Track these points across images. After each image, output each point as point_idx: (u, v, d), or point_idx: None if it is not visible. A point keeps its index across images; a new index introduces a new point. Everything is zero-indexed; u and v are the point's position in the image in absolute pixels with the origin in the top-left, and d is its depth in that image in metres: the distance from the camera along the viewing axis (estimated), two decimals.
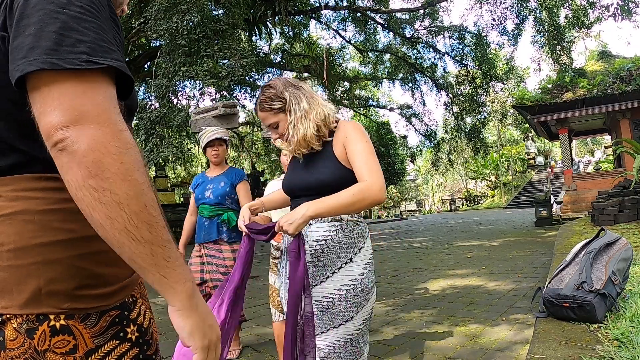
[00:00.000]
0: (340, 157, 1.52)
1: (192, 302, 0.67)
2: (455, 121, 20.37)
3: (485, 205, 32.82)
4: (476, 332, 3.31)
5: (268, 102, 1.55)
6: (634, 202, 7.90)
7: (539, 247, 7.83)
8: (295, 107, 1.52)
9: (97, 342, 0.68)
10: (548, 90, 13.35)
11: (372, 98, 26.70)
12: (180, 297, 0.65)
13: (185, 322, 0.67)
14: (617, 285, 2.58)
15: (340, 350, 1.48)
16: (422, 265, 6.92)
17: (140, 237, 0.59)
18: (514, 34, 15.68)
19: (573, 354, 2.00)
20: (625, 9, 12.09)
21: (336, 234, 1.51)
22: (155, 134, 8.86)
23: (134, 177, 0.59)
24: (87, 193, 0.57)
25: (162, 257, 0.62)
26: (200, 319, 0.68)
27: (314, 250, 1.51)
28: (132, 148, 0.60)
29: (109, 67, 0.60)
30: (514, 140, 37.00)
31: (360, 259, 1.53)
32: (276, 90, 1.55)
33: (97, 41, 0.60)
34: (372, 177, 1.42)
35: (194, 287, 0.68)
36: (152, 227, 0.61)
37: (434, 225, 17.93)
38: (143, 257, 0.60)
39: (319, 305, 1.50)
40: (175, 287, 0.64)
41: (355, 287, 1.49)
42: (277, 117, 1.55)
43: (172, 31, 8.60)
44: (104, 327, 0.69)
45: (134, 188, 0.59)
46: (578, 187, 13.11)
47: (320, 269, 1.51)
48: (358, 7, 17.54)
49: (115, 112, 0.60)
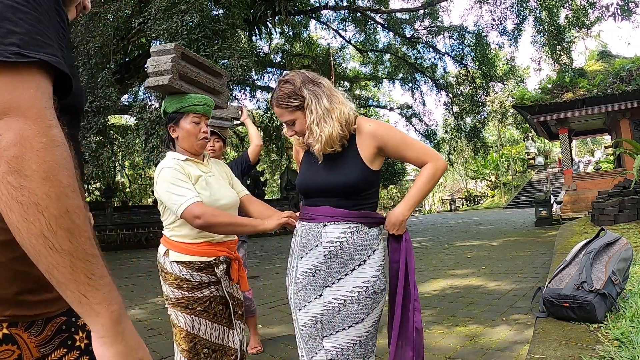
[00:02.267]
0: (366, 158, 1.49)
1: (116, 330, 0.58)
2: (455, 121, 20.38)
3: (485, 205, 32.81)
4: (476, 332, 3.31)
5: (285, 99, 1.48)
6: (634, 202, 7.90)
7: (539, 247, 7.82)
8: (316, 106, 1.46)
9: (43, 351, 0.64)
10: (548, 90, 13.35)
11: (372, 98, 26.71)
12: (103, 321, 0.57)
13: (108, 352, 0.58)
14: (617, 285, 2.58)
15: (349, 352, 1.47)
16: (422, 265, 6.92)
17: (58, 245, 0.53)
18: (514, 34, 15.69)
19: (573, 354, 2.00)
20: (625, 9, 12.09)
21: (351, 235, 1.48)
22: (155, 134, 8.85)
23: (57, 177, 0.54)
24: (4, 190, 0.52)
25: (83, 272, 0.55)
26: (127, 349, 0.59)
27: (328, 252, 1.48)
28: (59, 146, 0.55)
29: (44, 62, 0.56)
30: (514, 140, 37.00)
31: (373, 261, 1.50)
32: (294, 86, 1.48)
33: (30, 34, 0.56)
34: (428, 156, 1.54)
35: (121, 311, 0.60)
36: (74, 237, 0.54)
37: (434, 225, 17.93)
38: (61, 270, 0.54)
39: (330, 307, 1.48)
40: (97, 310, 0.57)
41: (368, 290, 1.47)
42: (294, 115, 1.50)
43: (172, 31, 8.60)
44: (50, 335, 0.65)
45: (55, 189, 0.53)
46: (578, 187, 13.11)
47: (333, 271, 1.49)
48: (358, 7, 17.54)
49: (46, 107, 0.56)
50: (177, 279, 1.73)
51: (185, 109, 1.80)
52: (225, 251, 1.80)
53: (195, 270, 1.73)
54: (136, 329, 0.62)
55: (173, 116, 1.82)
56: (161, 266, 1.78)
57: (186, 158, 1.80)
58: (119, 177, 25.98)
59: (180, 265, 1.72)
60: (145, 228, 15.83)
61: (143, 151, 9.20)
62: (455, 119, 20.38)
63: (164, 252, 1.78)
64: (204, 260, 1.75)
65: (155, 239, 15.39)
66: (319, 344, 1.50)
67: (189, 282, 1.73)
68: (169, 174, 1.69)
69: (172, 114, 1.82)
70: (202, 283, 1.75)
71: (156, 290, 6.12)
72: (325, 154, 1.51)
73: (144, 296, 5.76)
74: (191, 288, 1.73)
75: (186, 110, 1.80)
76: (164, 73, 1.78)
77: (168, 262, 1.74)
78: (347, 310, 1.46)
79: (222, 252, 1.79)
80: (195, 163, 1.83)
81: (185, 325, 1.72)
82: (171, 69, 1.77)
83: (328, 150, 1.49)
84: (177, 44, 1.87)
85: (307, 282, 1.53)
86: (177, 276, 1.72)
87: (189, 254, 1.73)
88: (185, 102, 1.80)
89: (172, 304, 1.75)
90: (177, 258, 1.73)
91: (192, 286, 1.73)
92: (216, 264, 1.77)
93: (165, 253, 1.77)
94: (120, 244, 14.74)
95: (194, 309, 1.73)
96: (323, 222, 1.50)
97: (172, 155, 1.81)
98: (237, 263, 1.84)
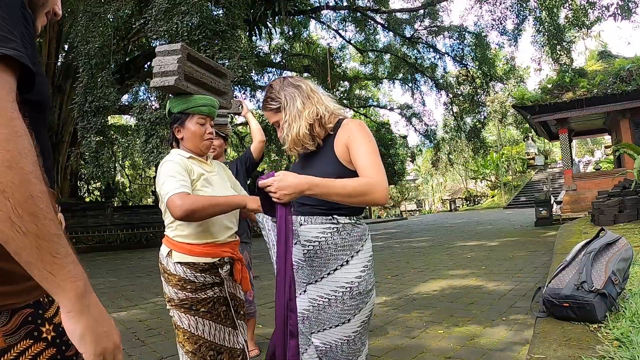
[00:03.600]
0: (341, 156, 1.48)
1: (82, 303, 0.62)
2: (455, 121, 20.40)
3: (485, 205, 32.81)
4: (476, 332, 3.31)
5: (268, 102, 1.58)
6: (634, 202, 7.91)
7: (539, 247, 7.82)
8: (290, 107, 1.53)
9: (9, 342, 0.66)
10: (548, 90, 13.35)
11: (372, 98, 26.74)
12: (69, 296, 0.61)
13: (76, 326, 0.62)
14: (617, 285, 2.58)
15: (337, 350, 1.47)
16: (422, 265, 6.92)
17: (25, 229, 0.57)
18: (514, 34, 15.72)
19: (573, 354, 2.00)
20: (625, 9, 12.09)
21: (331, 236, 1.46)
22: (155, 135, 8.86)
23: (20, 165, 0.57)
24: None
25: (48, 251, 0.59)
26: (94, 321, 0.64)
27: (307, 251, 1.49)
28: (21, 137, 0.58)
29: (7, 57, 0.59)
30: (514, 140, 37.00)
31: (357, 262, 1.47)
32: (274, 89, 1.57)
33: None
34: (378, 177, 1.39)
35: (86, 286, 0.63)
36: (38, 219, 0.58)
37: (434, 225, 17.93)
38: (28, 251, 0.58)
39: (315, 304, 1.49)
40: (62, 286, 0.60)
41: (352, 290, 1.44)
42: (277, 117, 1.57)
43: (172, 32, 8.60)
44: (15, 326, 0.67)
45: (19, 177, 0.57)
46: (578, 187, 13.11)
47: (315, 269, 1.49)
48: (358, 7, 17.56)
49: (8, 100, 0.59)
50: (180, 280, 1.71)
51: (190, 110, 1.80)
52: (229, 252, 1.79)
53: (200, 271, 1.72)
54: (136, 329, 0.63)
55: (178, 117, 1.82)
56: (164, 267, 1.76)
57: (190, 156, 1.80)
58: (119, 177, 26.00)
59: (184, 266, 1.71)
60: (145, 228, 15.83)
61: (143, 151, 9.20)
62: (455, 119, 20.40)
63: (166, 253, 1.75)
64: (208, 261, 1.73)
65: (155, 239, 15.39)
66: (308, 339, 1.51)
67: (193, 283, 1.71)
68: (170, 167, 1.69)
69: (177, 115, 1.82)
70: (206, 284, 1.73)
71: (156, 290, 6.12)
72: (302, 154, 1.58)
73: (144, 296, 5.76)
74: (195, 289, 1.71)
75: (191, 111, 1.80)
76: (170, 74, 1.78)
77: (171, 264, 1.72)
78: (332, 309, 1.46)
79: (227, 252, 1.78)
80: (199, 162, 1.83)
81: (189, 327, 1.70)
82: (177, 70, 1.77)
83: (297, 150, 1.55)
84: (183, 44, 1.87)
85: None
86: (180, 277, 1.71)
87: (193, 255, 1.72)
88: (191, 103, 1.80)
89: (175, 306, 1.73)
90: (180, 259, 1.71)
91: (196, 287, 1.71)
92: (220, 264, 1.76)
93: (169, 254, 1.74)
94: (120, 244, 14.73)
95: (198, 310, 1.72)
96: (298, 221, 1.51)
97: (176, 151, 1.81)
98: (240, 263, 1.84)
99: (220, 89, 2.10)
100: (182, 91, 1.83)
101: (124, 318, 4.50)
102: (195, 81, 1.90)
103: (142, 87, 17.07)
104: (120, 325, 4.09)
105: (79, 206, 16.00)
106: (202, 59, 1.98)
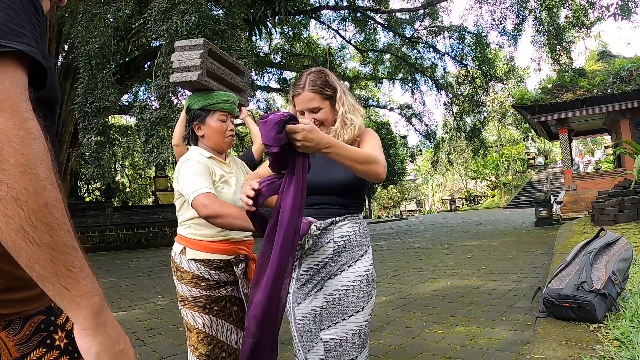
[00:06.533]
0: None
1: (98, 320, 0.59)
2: (455, 121, 20.40)
3: (485, 205, 32.79)
4: (476, 332, 3.31)
5: (320, 85, 1.53)
6: (634, 202, 7.91)
7: (539, 247, 7.82)
8: (345, 100, 1.57)
9: (22, 351, 0.63)
10: (548, 90, 13.35)
11: (372, 98, 26.72)
12: (84, 313, 0.57)
13: (91, 344, 0.58)
14: (617, 285, 2.58)
15: (348, 343, 1.48)
16: (422, 265, 6.92)
17: (38, 239, 0.53)
18: (513, 34, 15.72)
19: (573, 354, 2.00)
20: (625, 9, 12.08)
21: (357, 229, 1.58)
22: (155, 135, 8.86)
23: (36, 171, 0.53)
24: None
25: (63, 265, 0.55)
26: (109, 340, 0.60)
27: (338, 246, 1.54)
28: (37, 139, 0.54)
29: (19, 52, 0.54)
30: (514, 140, 36.98)
31: (370, 251, 1.62)
32: (328, 78, 1.57)
33: (5, 23, 0.54)
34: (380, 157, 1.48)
35: (102, 302, 0.60)
36: (53, 230, 0.54)
37: (434, 225, 17.93)
38: (42, 264, 0.53)
39: (330, 299, 1.51)
40: (78, 302, 0.56)
41: (368, 277, 1.55)
42: (323, 104, 1.54)
43: (172, 32, 8.60)
44: (28, 334, 0.64)
45: (34, 183, 0.52)
46: (578, 187, 13.10)
47: (338, 263, 1.54)
48: (358, 7, 17.57)
49: (22, 99, 0.54)
50: (194, 277, 1.67)
51: (212, 107, 1.77)
52: (245, 250, 1.76)
53: (214, 268, 1.69)
54: (136, 329, 0.62)
55: (198, 113, 1.78)
56: (177, 265, 1.72)
57: (210, 155, 1.77)
58: (119, 177, 25.99)
59: (199, 263, 1.68)
60: (145, 228, 15.83)
61: (143, 151, 9.20)
62: (455, 119, 20.39)
63: (180, 251, 1.72)
64: (223, 259, 1.70)
65: (156, 239, 15.40)
66: (316, 337, 1.51)
67: (207, 280, 1.68)
68: (192, 165, 1.66)
69: (196, 111, 1.78)
70: (220, 282, 1.70)
71: (156, 290, 6.12)
72: None
73: (144, 296, 5.76)
74: (209, 287, 1.68)
75: (213, 108, 1.77)
76: (192, 69, 1.74)
77: (185, 261, 1.69)
78: (348, 300, 1.51)
79: (242, 250, 1.75)
80: (219, 162, 1.80)
81: (203, 327, 1.66)
82: (200, 65, 1.73)
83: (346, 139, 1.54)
84: (205, 39, 1.83)
85: (311, 277, 1.55)
86: (194, 274, 1.67)
87: (208, 252, 1.69)
88: (212, 99, 1.77)
89: (189, 305, 1.69)
90: (195, 256, 1.68)
91: (210, 285, 1.68)
92: (236, 262, 1.73)
93: (182, 251, 1.71)
94: (120, 244, 14.72)
95: (212, 309, 1.68)
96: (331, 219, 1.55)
97: (197, 150, 1.78)
98: (254, 263, 1.80)
99: (239, 86, 2.07)
100: (204, 87, 1.79)
101: (124, 318, 4.49)
102: (216, 77, 1.86)
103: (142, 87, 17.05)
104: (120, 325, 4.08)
105: (79, 206, 16.00)
106: (223, 55, 1.94)
